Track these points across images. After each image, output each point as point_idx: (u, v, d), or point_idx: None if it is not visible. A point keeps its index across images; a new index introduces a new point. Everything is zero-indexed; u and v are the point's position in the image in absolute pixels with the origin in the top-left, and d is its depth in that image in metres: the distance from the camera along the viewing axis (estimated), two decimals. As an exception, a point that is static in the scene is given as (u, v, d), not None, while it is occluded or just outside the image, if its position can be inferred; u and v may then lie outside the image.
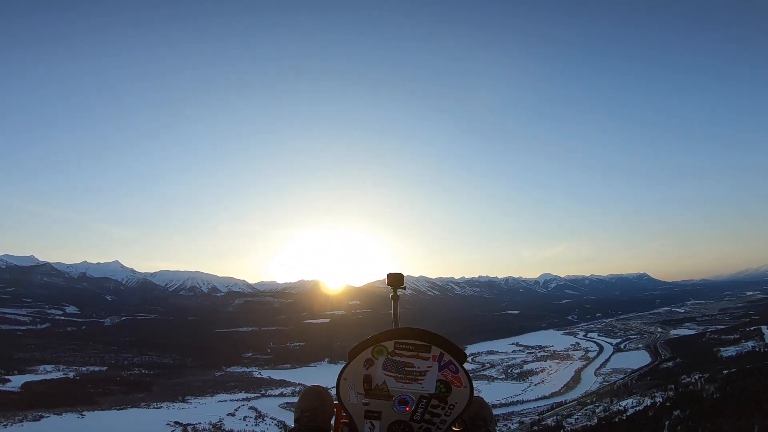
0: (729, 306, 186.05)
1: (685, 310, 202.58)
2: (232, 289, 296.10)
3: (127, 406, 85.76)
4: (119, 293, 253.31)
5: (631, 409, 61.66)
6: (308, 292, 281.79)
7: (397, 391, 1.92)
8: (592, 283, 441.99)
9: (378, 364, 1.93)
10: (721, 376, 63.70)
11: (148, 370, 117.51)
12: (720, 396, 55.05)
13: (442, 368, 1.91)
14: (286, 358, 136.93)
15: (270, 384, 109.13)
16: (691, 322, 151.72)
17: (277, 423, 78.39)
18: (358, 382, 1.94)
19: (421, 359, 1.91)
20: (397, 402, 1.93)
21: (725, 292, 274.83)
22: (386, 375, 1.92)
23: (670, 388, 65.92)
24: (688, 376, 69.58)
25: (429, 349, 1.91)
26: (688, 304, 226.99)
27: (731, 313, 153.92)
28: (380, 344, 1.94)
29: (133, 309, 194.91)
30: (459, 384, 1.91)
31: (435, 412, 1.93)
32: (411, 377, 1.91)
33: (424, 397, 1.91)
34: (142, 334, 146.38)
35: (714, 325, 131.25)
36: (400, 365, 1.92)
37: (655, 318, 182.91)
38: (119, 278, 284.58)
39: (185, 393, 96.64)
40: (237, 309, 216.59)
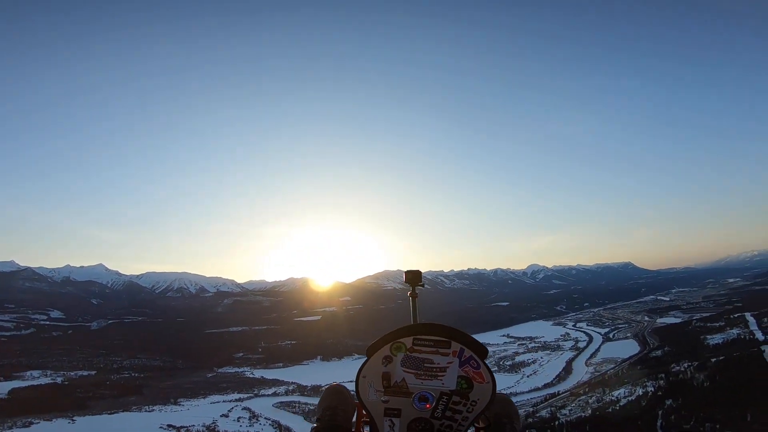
0: (712, 293, 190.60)
1: (670, 298, 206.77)
2: (221, 289, 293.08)
3: (118, 410, 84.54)
4: (105, 296, 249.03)
5: (624, 399, 62.62)
6: (298, 289, 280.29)
7: (417, 387, 1.89)
8: (578, 273, 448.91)
9: (397, 361, 1.90)
10: (710, 364, 64.96)
11: (138, 373, 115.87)
12: (710, 385, 56.20)
13: (462, 364, 1.88)
14: (278, 357, 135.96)
15: (263, 384, 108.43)
16: (676, 310, 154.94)
17: (272, 423, 77.78)
18: (377, 379, 1.91)
19: (440, 355, 1.88)
20: (417, 399, 1.89)
21: (708, 280, 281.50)
22: (405, 372, 1.90)
23: (661, 377, 67.09)
24: (677, 365, 70.89)
25: (449, 345, 1.89)
26: (672, 292, 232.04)
27: (715, 301, 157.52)
28: (398, 341, 1.92)
29: (120, 312, 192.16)
30: (481, 380, 1.88)
31: (456, 408, 1.89)
32: (431, 373, 1.88)
33: (445, 393, 1.88)
34: (130, 337, 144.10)
35: (699, 313, 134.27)
36: (419, 361, 1.89)
37: (642, 307, 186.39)
38: (104, 281, 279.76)
39: (177, 395, 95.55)
40: (226, 309, 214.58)
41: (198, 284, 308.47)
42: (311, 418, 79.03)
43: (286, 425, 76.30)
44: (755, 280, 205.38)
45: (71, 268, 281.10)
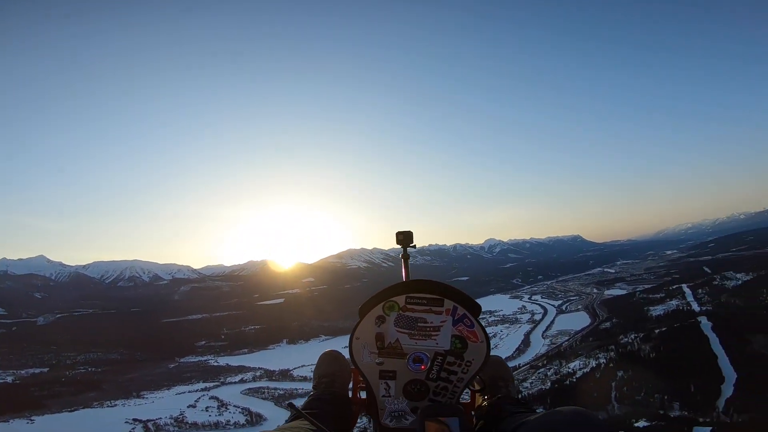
0: (653, 265, 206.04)
1: (615, 270, 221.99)
2: (176, 276, 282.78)
3: (78, 407, 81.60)
4: (49, 290, 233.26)
5: (579, 371, 66.78)
6: (259, 273, 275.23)
7: (411, 348, 1.86)
8: (532, 247, 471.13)
9: (390, 321, 1.86)
10: (653, 335, 70.33)
11: (94, 367, 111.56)
12: (656, 355, 61.06)
13: (456, 323, 1.84)
14: (243, 343, 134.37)
15: (229, 371, 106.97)
16: (621, 282, 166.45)
17: (242, 410, 77.34)
18: (371, 340, 1.87)
19: (434, 313, 1.84)
20: (412, 360, 1.86)
21: (648, 252, 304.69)
22: (399, 332, 1.86)
23: (611, 348, 72.03)
24: (625, 336, 76.26)
25: (442, 303, 1.84)
26: (617, 264, 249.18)
27: (655, 273, 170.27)
28: (391, 299, 1.86)
29: (68, 305, 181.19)
30: (475, 339, 1.84)
31: (451, 369, 1.86)
32: (424, 333, 1.85)
33: (439, 353, 1.85)
34: (81, 331, 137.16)
35: (642, 285, 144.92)
36: (412, 321, 1.85)
37: (590, 279, 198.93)
38: (47, 274, 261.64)
39: (139, 388, 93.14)
40: (184, 296, 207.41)
41: (151, 272, 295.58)
42: (282, 403, 77.40)
43: (257, 412, 75.87)
44: (690, 252, 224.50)
45: (8, 261, 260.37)
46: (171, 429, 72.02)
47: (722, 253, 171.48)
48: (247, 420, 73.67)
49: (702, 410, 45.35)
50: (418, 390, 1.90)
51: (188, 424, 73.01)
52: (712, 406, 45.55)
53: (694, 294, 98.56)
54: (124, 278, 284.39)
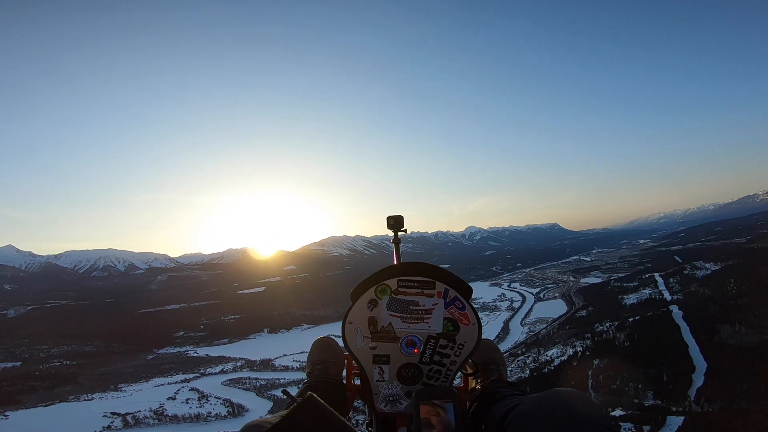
0: (626, 254, 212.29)
1: (591, 258, 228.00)
2: (153, 265, 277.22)
3: (54, 401, 79.61)
4: (20, 281, 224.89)
5: (557, 359, 68.44)
6: (238, 261, 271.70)
7: (404, 332, 1.87)
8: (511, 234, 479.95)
9: (382, 305, 1.87)
10: (627, 324, 72.47)
11: (69, 360, 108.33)
12: (630, 344, 63.00)
13: (448, 305, 1.87)
14: (223, 333, 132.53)
15: (208, 362, 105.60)
16: (597, 270, 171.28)
17: (223, 402, 76.48)
18: (363, 324, 1.88)
19: (425, 296, 1.87)
20: (405, 344, 1.88)
21: (623, 241, 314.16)
22: (391, 315, 1.87)
23: (587, 336, 74.06)
24: (600, 325, 78.32)
25: (433, 285, 1.87)
26: (593, 253, 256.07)
27: (629, 261, 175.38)
28: (383, 283, 1.88)
29: (40, 297, 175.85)
30: (467, 321, 1.86)
31: (444, 352, 1.87)
32: (417, 316, 1.87)
33: (432, 337, 1.86)
34: (55, 323, 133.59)
35: (616, 273, 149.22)
36: (404, 304, 1.87)
37: (567, 267, 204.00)
38: (17, 264, 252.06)
39: (117, 381, 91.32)
40: (161, 286, 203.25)
41: (126, 261, 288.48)
42: (263, 394, 78.11)
43: (238, 403, 75.22)
44: (662, 241, 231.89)
45: None
46: (151, 422, 70.87)
47: (692, 242, 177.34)
48: (228, 411, 72.97)
49: (675, 399, 47.16)
50: (412, 374, 1.90)
51: (168, 417, 71.93)
52: (684, 395, 47.39)
53: (666, 283, 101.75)
54: (98, 268, 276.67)
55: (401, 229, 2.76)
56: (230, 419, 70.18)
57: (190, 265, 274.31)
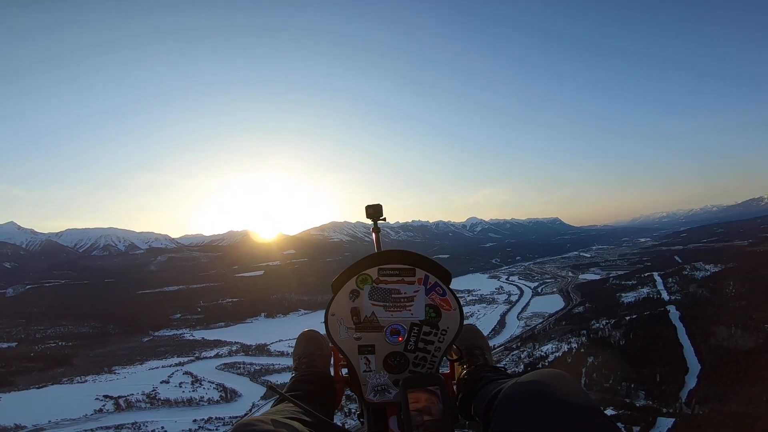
0: (627, 252, 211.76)
1: (590, 255, 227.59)
2: (153, 245, 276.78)
3: (47, 383, 79.37)
4: (20, 259, 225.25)
5: (552, 354, 68.37)
6: (239, 243, 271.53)
7: (387, 320, 1.88)
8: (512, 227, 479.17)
9: (364, 295, 1.88)
10: (624, 322, 72.23)
11: (65, 342, 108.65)
12: (625, 342, 62.76)
13: (428, 291, 1.88)
14: (219, 316, 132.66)
15: (204, 345, 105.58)
16: (596, 267, 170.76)
17: (216, 386, 76.37)
18: (347, 315, 1.88)
19: (406, 284, 1.88)
20: (389, 333, 1.88)
21: (623, 238, 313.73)
22: (374, 305, 1.87)
23: (583, 333, 73.90)
24: (597, 322, 78.12)
25: (413, 272, 1.88)
26: (593, 249, 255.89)
27: (629, 259, 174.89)
28: (363, 272, 1.88)
29: (39, 275, 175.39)
30: (448, 307, 1.88)
31: (428, 339, 1.88)
32: (399, 304, 1.88)
33: (415, 324, 1.88)
34: (52, 303, 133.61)
35: (615, 271, 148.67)
36: (386, 293, 1.88)
37: (566, 262, 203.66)
38: (17, 242, 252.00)
39: (111, 363, 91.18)
40: (160, 267, 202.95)
41: (127, 240, 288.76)
42: (258, 379, 77.31)
43: (231, 388, 75.01)
44: (662, 241, 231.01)
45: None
46: (143, 406, 70.78)
47: (693, 243, 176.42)
48: (221, 396, 72.82)
49: (666, 400, 47.01)
50: (398, 362, 1.91)
51: (161, 401, 71.76)
52: (676, 396, 47.18)
53: (665, 283, 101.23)
54: (98, 247, 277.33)
55: (380, 217, 2.69)
56: (223, 404, 70.07)
57: (191, 246, 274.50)
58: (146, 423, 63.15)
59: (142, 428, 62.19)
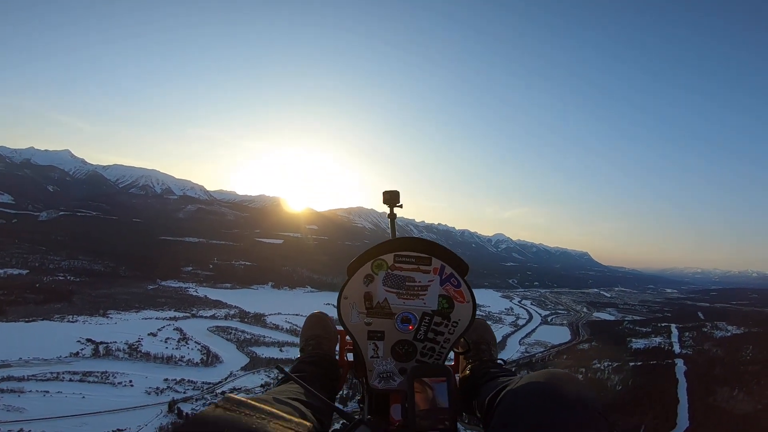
0: (649, 299, 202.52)
1: (611, 295, 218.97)
2: (188, 194, 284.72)
3: (37, 318, 77.98)
4: (64, 184, 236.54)
5: (543, 386, 66.29)
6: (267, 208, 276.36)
7: (399, 308, 1.86)
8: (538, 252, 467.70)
9: (378, 280, 1.85)
10: (627, 367, 69.36)
11: (74, 276, 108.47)
12: (622, 388, 60.11)
13: (443, 282, 1.85)
14: (228, 277, 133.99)
15: (204, 304, 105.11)
16: (613, 308, 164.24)
17: (201, 348, 74.64)
18: (359, 300, 1.86)
19: (422, 272, 1.85)
20: (400, 320, 1.86)
21: (649, 285, 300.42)
22: (387, 291, 1.85)
23: (581, 371, 71.26)
24: (599, 362, 75.32)
25: (430, 261, 1.85)
26: (615, 290, 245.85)
27: (649, 307, 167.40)
28: (379, 258, 1.85)
29: (76, 204, 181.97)
30: (462, 299, 1.85)
31: (438, 330, 1.86)
32: (412, 293, 1.85)
33: (427, 314, 1.85)
34: (77, 234, 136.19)
35: (632, 315, 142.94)
36: (400, 280, 1.85)
37: (584, 297, 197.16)
38: (67, 168, 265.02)
39: (108, 306, 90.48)
40: (188, 216, 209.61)
41: (165, 184, 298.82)
42: (243, 348, 76.89)
43: (215, 352, 73.16)
44: (690, 295, 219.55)
45: (34, 150, 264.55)
46: (120, 356, 68.78)
47: (721, 303, 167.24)
48: (202, 359, 70.96)
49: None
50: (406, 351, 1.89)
51: (140, 353, 69.89)
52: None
53: (680, 336, 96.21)
54: (137, 185, 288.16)
55: (397, 204, 2.73)
56: (201, 368, 68.35)
57: (222, 201, 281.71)
58: (116, 374, 61.57)
59: (110, 378, 60.55)
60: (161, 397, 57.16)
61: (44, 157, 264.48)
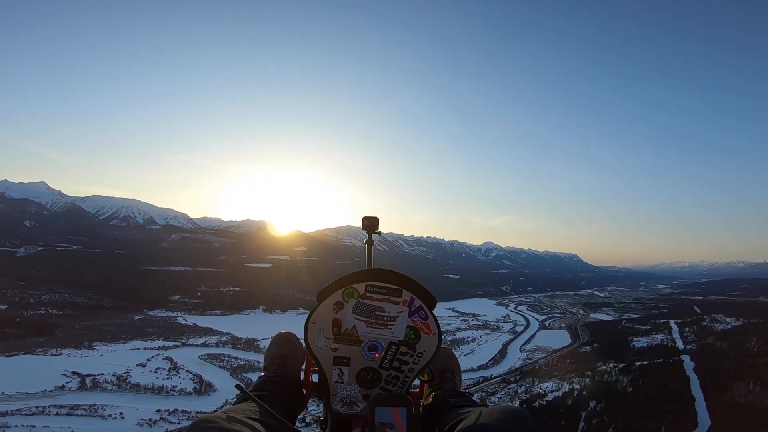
0: (642, 296, 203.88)
1: (605, 295, 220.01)
2: (171, 222, 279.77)
3: (19, 352, 75.32)
4: (41, 219, 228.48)
5: (551, 393, 64.22)
6: (253, 232, 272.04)
7: (367, 336, 1.88)
8: (528, 257, 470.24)
9: (348, 308, 1.88)
10: (633, 367, 67.80)
11: (56, 310, 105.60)
12: (632, 390, 58.38)
13: (412, 314, 1.89)
14: (218, 304, 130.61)
15: (194, 332, 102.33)
16: (608, 308, 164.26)
17: (193, 377, 72.18)
18: (327, 326, 1.88)
19: (392, 303, 1.88)
20: (367, 348, 1.88)
21: (640, 283, 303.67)
22: (356, 319, 1.88)
23: (587, 374, 69.55)
24: (604, 364, 73.71)
25: (400, 293, 1.89)
26: (608, 290, 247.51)
27: (644, 304, 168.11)
28: (351, 286, 1.89)
29: (55, 238, 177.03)
30: (428, 331, 1.89)
31: (404, 359, 1.90)
32: (381, 322, 1.88)
33: (394, 343, 1.89)
34: (58, 268, 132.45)
35: (628, 314, 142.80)
36: (370, 309, 1.88)
37: (579, 299, 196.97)
38: (43, 201, 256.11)
39: (93, 338, 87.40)
40: (172, 245, 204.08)
41: (146, 214, 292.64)
42: (238, 375, 73.75)
43: (208, 381, 70.77)
44: (682, 290, 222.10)
45: (8, 183, 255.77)
46: (109, 387, 66.14)
47: (714, 295, 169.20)
48: (195, 388, 68.79)
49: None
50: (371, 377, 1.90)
51: (130, 384, 67.39)
52: (682, 454, 43.09)
53: (681, 331, 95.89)
54: (118, 216, 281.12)
55: (375, 230, 2.69)
56: (194, 397, 66.14)
57: (206, 228, 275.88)
58: (105, 406, 58.98)
59: (99, 411, 58.01)
60: (154, 429, 55.39)
61: (19, 190, 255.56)
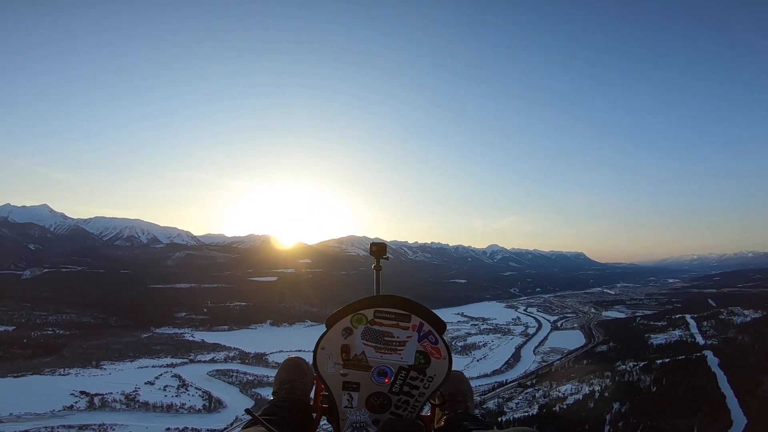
0: (654, 292, 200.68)
1: (615, 292, 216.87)
2: (175, 241, 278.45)
3: (27, 372, 75.04)
4: (45, 242, 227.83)
5: (571, 396, 62.09)
6: (257, 247, 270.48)
7: (376, 361, 1.90)
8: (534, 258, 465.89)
9: (357, 333, 1.90)
10: (655, 366, 65.61)
11: (62, 330, 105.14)
12: (657, 389, 56.25)
13: (421, 339, 1.90)
14: (224, 319, 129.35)
15: (201, 348, 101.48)
16: (621, 305, 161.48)
17: (202, 394, 71.37)
18: (336, 351, 1.90)
19: (400, 329, 1.90)
20: (376, 373, 1.90)
21: (650, 278, 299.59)
22: (365, 345, 1.90)
23: (607, 375, 67.42)
24: (623, 363, 71.49)
25: (409, 318, 1.90)
26: (618, 287, 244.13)
27: (657, 299, 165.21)
28: (360, 312, 1.91)
29: (60, 260, 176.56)
30: (438, 356, 1.90)
31: (414, 384, 1.91)
32: (390, 347, 1.89)
33: (403, 368, 1.90)
34: (63, 289, 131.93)
35: (642, 310, 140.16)
36: (379, 335, 1.90)
37: (589, 298, 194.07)
38: (46, 224, 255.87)
39: (101, 357, 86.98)
40: (177, 263, 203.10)
41: (150, 233, 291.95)
42: (247, 390, 73.27)
43: (217, 397, 69.92)
44: (693, 283, 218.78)
45: (11, 207, 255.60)
46: (118, 407, 65.84)
47: (727, 287, 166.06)
48: (204, 405, 67.94)
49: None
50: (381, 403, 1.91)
51: (138, 403, 66.75)
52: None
53: (699, 326, 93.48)
54: (122, 237, 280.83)
55: (384, 256, 2.72)
56: (203, 414, 65.21)
57: (210, 245, 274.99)
58: (115, 426, 58.46)
59: (108, 431, 57.76)
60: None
61: (22, 214, 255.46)
